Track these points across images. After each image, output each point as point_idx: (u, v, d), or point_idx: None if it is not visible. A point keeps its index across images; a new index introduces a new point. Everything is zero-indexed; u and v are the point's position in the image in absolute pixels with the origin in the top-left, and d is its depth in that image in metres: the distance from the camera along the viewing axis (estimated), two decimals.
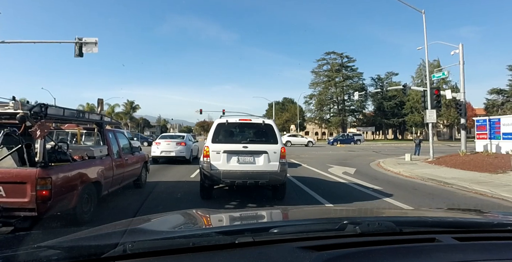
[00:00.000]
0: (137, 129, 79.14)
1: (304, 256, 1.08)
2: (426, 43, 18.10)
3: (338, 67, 66.63)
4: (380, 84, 65.70)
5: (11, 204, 4.29)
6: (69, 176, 5.04)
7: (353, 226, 1.26)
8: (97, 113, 7.24)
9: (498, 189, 8.93)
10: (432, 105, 17.76)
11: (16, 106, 4.42)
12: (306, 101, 70.19)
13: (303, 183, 9.98)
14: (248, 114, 9.33)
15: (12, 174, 4.39)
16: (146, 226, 1.56)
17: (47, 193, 4.38)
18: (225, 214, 2.22)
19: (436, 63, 42.80)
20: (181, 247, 1.12)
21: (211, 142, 7.11)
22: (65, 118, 5.73)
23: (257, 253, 1.11)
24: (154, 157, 15.26)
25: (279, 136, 7.34)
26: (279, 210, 2.78)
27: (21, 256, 1.11)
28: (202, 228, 1.61)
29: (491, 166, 13.41)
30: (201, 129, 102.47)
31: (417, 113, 56.26)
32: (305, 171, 13.67)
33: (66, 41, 16.42)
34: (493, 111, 48.74)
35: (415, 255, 1.12)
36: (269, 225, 1.41)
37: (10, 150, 4.71)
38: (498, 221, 1.70)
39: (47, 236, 1.49)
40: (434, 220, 1.53)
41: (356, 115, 69.85)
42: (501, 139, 17.13)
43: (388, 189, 9.24)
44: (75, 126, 7.84)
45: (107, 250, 1.07)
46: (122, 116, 70.32)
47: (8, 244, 1.35)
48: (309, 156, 22.92)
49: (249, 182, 6.89)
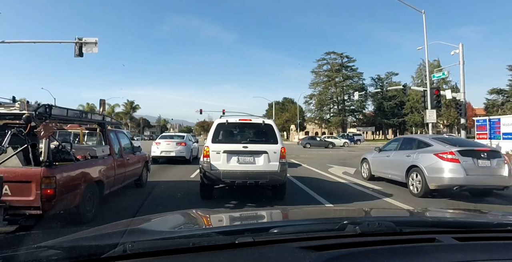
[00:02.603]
0: (137, 129, 79.25)
1: (304, 256, 1.08)
2: (426, 43, 18.14)
3: (338, 67, 66.68)
4: (380, 84, 65.80)
5: (16, 202, 4.35)
6: (72, 175, 5.12)
7: (353, 226, 1.26)
8: (99, 114, 7.29)
9: None
10: (432, 105, 17.77)
11: (22, 107, 4.53)
12: (306, 101, 70.35)
13: (303, 183, 9.98)
14: (248, 114, 9.34)
15: (18, 173, 4.47)
16: (146, 226, 1.56)
17: (51, 191, 4.46)
18: (225, 214, 2.22)
19: (436, 63, 42.86)
20: (181, 247, 1.12)
21: (211, 142, 7.11)
22: (68, 119, 5.81)
23: (257, 253, 1.11)
24: (154, 157, 15.24)
25: (279, 136, 7.34)
26: (279, 210, 2.78)
27: (21, 256, 1.11)
28: (202, 228, 1.61)
29: None
30: (201, 129, 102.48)
31: (417, 113, 56.31)
32: (305, 171, 13.67)
33: (66, 41, 16.45)
34: (493, 111, 48.75)
35: (415, 255, 1.12)
36: (269, 225, 1.41)
37: (15, 149, 4.78)
38: (498, 221, 1.70)
39: (47, 236, 1.49)
40: (434, 220, 1.53)
41: (356, 115, 69.90)
42: (501, 139, 17.13)
43: (388, 189, 9.23)
44: (77, 127, 7.89)
45: (107, 250, 1.07)
46: (122, 116, 70.49)
47: (8, 244, 1.35)
48: (309, 156, 22.93)
49: (249, 182, 6.89)
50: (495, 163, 7.62)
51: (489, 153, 7.84)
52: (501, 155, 8.15)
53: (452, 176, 7.44)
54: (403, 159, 8.82)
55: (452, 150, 7.67)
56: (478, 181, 7.46)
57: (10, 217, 4.39)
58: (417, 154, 8.40)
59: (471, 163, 7.49)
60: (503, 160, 7.81)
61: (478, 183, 7.51)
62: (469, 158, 7.52)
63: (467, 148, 7.85)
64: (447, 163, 7.55)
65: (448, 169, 7.50)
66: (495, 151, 8.35)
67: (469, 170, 7.39)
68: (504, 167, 7.67)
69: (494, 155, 7.87)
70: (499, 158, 7.79)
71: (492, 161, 7.63)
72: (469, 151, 7.75)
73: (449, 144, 8.15)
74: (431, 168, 7.78)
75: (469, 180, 7.36)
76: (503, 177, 7.58)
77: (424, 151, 8.31)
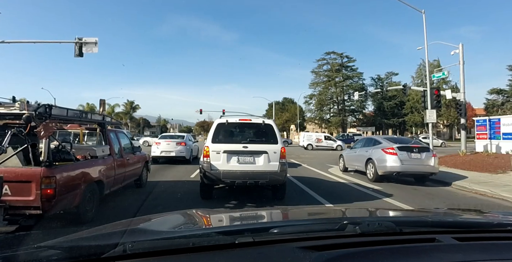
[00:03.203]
0: (137, 129, 79.21)
1: (304, 256, 1.08)
2: (426, 43, 18.11)
3: (338, 67, 66.55)
4: (380, 84, 65.67)
5: (16, 202, 4.35)
6: (72, 175, 5.12)
7: (353, 226, 1.26)
8: (99, 114, 7.29)
9: (498, 189, 8.93)
10: (432, 105, 17.76)
11: (22, 107, 4.52)
12: (306, 101, 70.15)
13: (303, 183, 9.98)
14: (248, 114, 9.35)
15: (18, 173, 4.47)
16: (146, 226, 1.56)
17: (51, 191, 4.46)
18: (225, 214, 2.22)
19: (436, 63, 42.79)
20: (181, 247, 1.12)
21: (211, 142, 7.11)
22: (68, 119, 5.81)
23: (257, 253, 1.11)
24: (154, 157, 15.25)
25: (279, 136, 7.34)
26: (279, 210, 2.78)
27: (21, 256, 1.12)
28: (202, 228, 1.61)
29: (491, 166, 13.41)
30: (201, 129, 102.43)
31: (417, 113, 56.24)
32: (305, 171, 13.68)
33: (66, 41, 16.43)
34: (493, 111, 48.66)
35: (415, 255, 1.12)
36: (269, 225, 1.41)
37: (15, 149, 4.78)
38: (498, 221, 1.70)
39: (47, 236, 1.49)
40: (434, 220, 1.53)
41: (356, 115, 69.76)
42: (501, 139, 17.12)
43: (388, 189, 9.24)
44: (77, 127, 7.88)
45: (107, 250, 1.07)
46: (122, 116, 70.34)
47: (8, 244, 1.35)
48: (309, 156, 22.92)
49: (249, 182, 6.89)
50: (424, 155, 10.14)
51: (420, 148, 10.45)
52: (430, 150, 10.77)
53: (392, 165, 9.99)
54: (364, 154, 11.42)
55: (393, 146, 10.23)
56: (411, 169, 10.00)
57: (10, 217, 4.40)
58: (371, 150, 11.00)
59: (405, 155, 10.02)
60: (431, 154, 10.25)
61: (411, 170, 10.05)
62: (404, 152, 10.07)
63: (404, 145, 10.45)
64: (389, 155, 10.10)
65: (389, 160, 10.05)
66: (425, 147, 10.99)
67: (404, 161, 9.96)
68: (431, 159, 10.12)
69: (424, 150, 10.45)
70: (427, 152, 10.31)
71: (422, 154, 10.16)
72: (405, 147, 10.33)
73: (392, 142, 10.80)
74: (379, 159, 10.33)
75: (404, 168, 9.95)
76: (431, 166, 10.11)
77: (376, 147, 10.87)
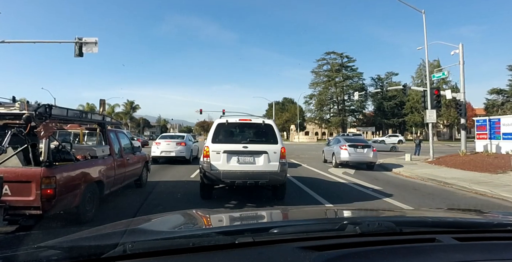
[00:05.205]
0: (137, 129, 79.20)
1: (304, 256, 1.08)
2: (426, 43, 18.12)
3: (338, 67, 66.59)
4: (380, 84, 65.67)
5: (16, 202, 4.35)
6: (72, 175, 5.11)
7: (353, 226, 1.26)
8: (99, 114, 7.29)
9: (498, 189, 8.93)
10: (432, 105, 17.77)
11: (22, 107, 4.51)
12: (306, 101, 70.24)
13: (303, 183, 9.98)
14: (248, 114, 9.34)
15: (18, 173, 4.47)
16: (146, 226, 1.56)
17: (51, 191, 4.46)
18: (225, 214, 2.22)
19: (436, 63, 42.82)
20: (181, 247, 1.12)
21: (211, 142, 7.11)
22: (68, 119, 5.80)
23: (257, 253, 1.11)
24: (154, 157, 15.24)
25: (279, 136, 7.34)
26: (279, 210, 2.78)
27: (21, 256, 1.11)
28: (202, 228, 1.61)
29: (491, 166, 13.41)
30: (201, 129, 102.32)
31: (417, 113, 56.25)
32: (305, 171, 13.68)
33: (66, 41, 16.43)
34: (493, 111, 48.66)
35: (415, 255, 1.12)
36: (269, 225, 1.41)
37: (15, 149, 4.77)
38: (498, 221, 1.70)
39: (47, 236, 1.48)
40: (434, 220, 1.53)
41: (356, 115, 69.83)
42: (501, 139, 17.12)
43: (388, 189, 9.24)
44: (77, 127, 7.88)
45: (107, 250, 1.07)
46: (122, 116, 70.32)
47: (8, 244, 1.36)
48: (309, 156, 22.93)
49: (249, 182, 6.89)
50: (366, 150, 14.78)
51: (364, 145, 15.05)
52: (371, 146, 15.20)
53: (344, 156, 14.80)
54: (332, 149, 16.33)
55: (346, 144, 14.96)
56: (356, 159, 14.77)
57: (10, 217, 4.39)
58: (335, 146, 15.99)
59: (353, 150, 14.71)
60: (371, 149, 14.80)
61: (356, 160, 14.81)
62: (352, 148, 14.76)
63: (353, 143, 14.97)
64: (342, 150, 14.89)
65: (342, 153, 14.85)
66: (368, 144, 15.39)
67: (351, 154, 14.67)
68: (371, 153, 14.68)
69: (367, 146, 15.03)
70: (369, 148, 14.85)
71: (365, 149, 14.82)
72: (353, 144, 14.88)
73: (347, 141, 15.39)
74: (337, 152, 15.26)
75: (352, 158, 14.74)
76: (370, 157, 14.76)
77: (337, 145, 15.70)
